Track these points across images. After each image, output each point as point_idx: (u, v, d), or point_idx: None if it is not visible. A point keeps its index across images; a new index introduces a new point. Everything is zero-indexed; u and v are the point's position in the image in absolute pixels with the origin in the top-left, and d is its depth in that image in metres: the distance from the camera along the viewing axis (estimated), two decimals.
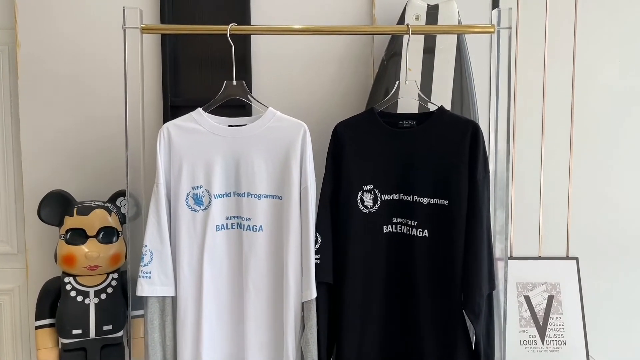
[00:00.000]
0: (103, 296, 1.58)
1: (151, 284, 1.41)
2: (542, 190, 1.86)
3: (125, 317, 1.57)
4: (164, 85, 1.71)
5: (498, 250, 1.49)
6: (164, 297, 1.43)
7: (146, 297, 1.42)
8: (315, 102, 1.76)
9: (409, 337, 1.46)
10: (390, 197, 1.47)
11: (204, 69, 1.76)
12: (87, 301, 1.56)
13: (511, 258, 1.83)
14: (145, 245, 1.41)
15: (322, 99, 1.77)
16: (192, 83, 1.75)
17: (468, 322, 1.42)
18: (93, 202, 1.61)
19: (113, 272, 1.61)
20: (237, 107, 1.65)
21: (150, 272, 1.41)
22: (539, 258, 1.85)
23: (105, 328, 1.56)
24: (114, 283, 1.60)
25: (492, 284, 1.43)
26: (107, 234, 1.58)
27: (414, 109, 1.54)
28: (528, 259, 1.85)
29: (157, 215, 1.42)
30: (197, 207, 1.45)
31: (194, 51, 1.74)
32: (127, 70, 1.42)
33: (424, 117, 1.47)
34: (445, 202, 1.42)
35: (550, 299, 1.78)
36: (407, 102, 1.54)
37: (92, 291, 1.57)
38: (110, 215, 1.60)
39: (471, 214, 1.40)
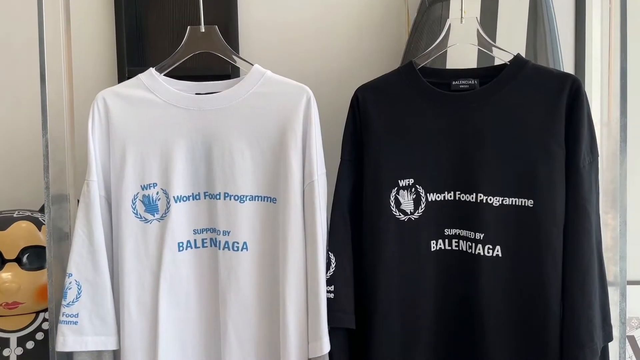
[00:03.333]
0: (29, 345, 1.16)
1: (79, 334, 0.96)
2: None
3: None
4: (118, 48, 1.24)
5: (610, 277, 0.97)
6: (99, 353, 0.98)
7: (72, 353, 0.96)
8: (329, 65, 1.28)
9: None
10: (442, 196, 0.98)
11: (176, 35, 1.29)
12: (6, 352, 1.15)
13: None
14: (70, 274, 0.96)
15: (338, 60, 1.28)
16: (160, 50, 1.29)
17: None
18: (16, 212, 1.17)
19: (45, 311, 1.15)
20: (218, 76, 1.18)
21: (77, 315, 0.96)
22: None
23: None
24: (45, 326, 1.16)
25: (608, 332, 0.94)
26: (35, 257, 1.15)
27: (471, 63, 1.04)
28: (632, 283, 1.32)
29: (88, 227, 0.96)
30: (149, 216, 0.98)
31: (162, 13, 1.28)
32: (43, 12, 0.96)
33: (491, 73, 0.98)
34: (530, 203, 0.94)
35: None
36: (459, 55, 1.04)
37: (13, 338, 1.15)
38: (41, 229, 1.14)
39: (572, 221, 0.92)
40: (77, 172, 1.02)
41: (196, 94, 1.00)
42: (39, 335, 1.15)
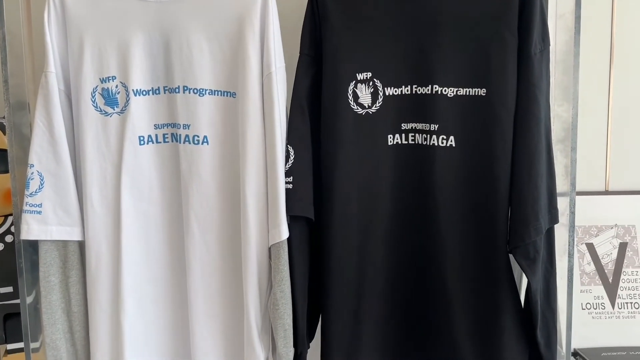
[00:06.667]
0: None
1: (43, 223, 0.97)
2: (611, 98, 1.36)
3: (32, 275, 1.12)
4: None
5: (559, 165, 1.00)
6: (65, 243, 1.00)
7: (38, 242, 0.97)
8: None
9: (429, 295, 1.00)
10: (399, 90, 0.99)
11: None
12: None
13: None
14: (32, 165, 0.96)
15: None
16: None
17: (517, 272, 0.97)
18: None
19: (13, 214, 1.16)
20: None
21: (40, 205, 0.97)
22: (606, 193, 1.41)
23: (3, 290, 1.15)
24: (14, 229, 1.15)
25: (553, 215, 0.98)
26: (0, 160, 1.13)
27: None
28: (591, 194, 1.39)
29: (48, 118, 0.96)
30: (108, 109, 0.98)
31: None
32: None
33: None
34: (482, 92, 0.96)
35: (623, 247, 1.37)
36: None
37: None
38: (6, 134, 1.14)
39: (522, 107, 0.94)
40: (36, 67, 1.02)
41: None
42: (8, 238, 1.16)
